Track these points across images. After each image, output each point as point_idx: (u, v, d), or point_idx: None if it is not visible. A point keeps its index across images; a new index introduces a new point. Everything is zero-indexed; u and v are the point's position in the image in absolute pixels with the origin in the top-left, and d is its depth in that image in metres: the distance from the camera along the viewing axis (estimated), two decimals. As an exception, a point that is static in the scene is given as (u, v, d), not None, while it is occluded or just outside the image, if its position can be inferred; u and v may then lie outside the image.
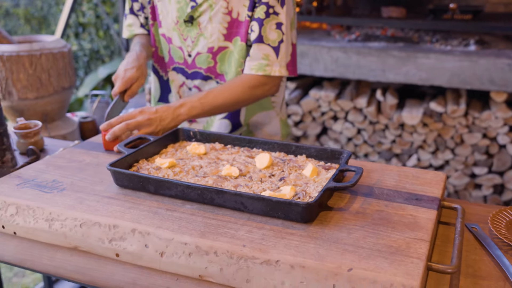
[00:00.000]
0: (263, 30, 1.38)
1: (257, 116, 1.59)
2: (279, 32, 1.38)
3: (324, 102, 3.32)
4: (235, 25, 1.43)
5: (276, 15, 1.38)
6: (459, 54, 2.97)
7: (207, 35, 1.45)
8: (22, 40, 2.06)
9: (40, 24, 5.63)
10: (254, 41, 1.39)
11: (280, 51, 1.39)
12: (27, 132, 1.47)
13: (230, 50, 1.46)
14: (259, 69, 1.39)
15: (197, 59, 1.49)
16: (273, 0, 1.37)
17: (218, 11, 1.42)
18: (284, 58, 1.40)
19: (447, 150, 3.15)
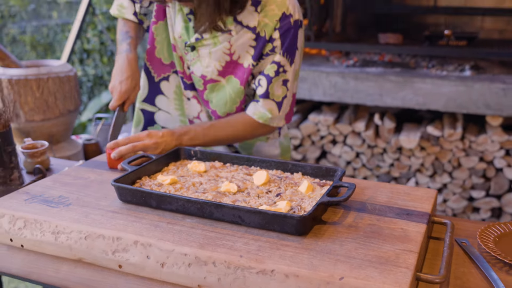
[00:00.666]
0: (270, 87, 1.44)
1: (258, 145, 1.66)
2: (284, 89, 1.45)
3: (323, 126, 3.38)
4: (232, 66, 1.47)
5: (284, 73, 1.43)
6: (454, 79, 3.04)
7: (203, 64, 1.49)
8: (30, 65, 2.14)
9: (46, 51, 5.75)
10: (260, 96, 1.46)
11: (283, 106, 1.48)
12: (34, 152, 1.52)
13: (222, 84, 1.50)
14: (261, 117, 1.48)
15: (192, 76, 1.54)
16: (284, 60, 1.42)
17: (219, 49, 1.45)
18: (284, 112, 1.50)
19: (445, 174, 3.20)
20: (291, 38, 1.39)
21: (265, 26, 1.40)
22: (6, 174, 1.36)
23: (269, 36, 1.40)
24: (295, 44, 1.41)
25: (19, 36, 5.71)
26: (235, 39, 1.43)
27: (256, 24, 1.40)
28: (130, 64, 1.52)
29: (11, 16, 5.76)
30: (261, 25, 1.40)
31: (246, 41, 1.43)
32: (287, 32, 1.39)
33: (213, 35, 1.45)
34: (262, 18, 1.39)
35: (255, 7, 1.40)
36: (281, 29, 1.39)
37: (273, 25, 1.39)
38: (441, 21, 3.90)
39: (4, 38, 5.76)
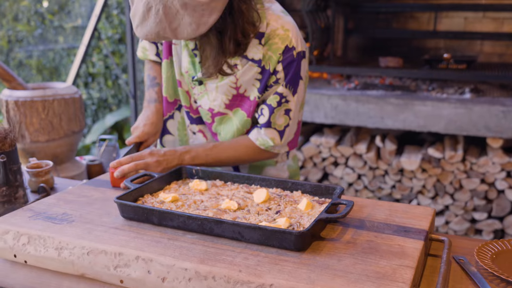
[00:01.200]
0: (272, 117, 1.46)
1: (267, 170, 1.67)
2: (286, 118, 1.47)
3: (324, 148, 3.40)
4: (239, 99, 1.49)
5: (287, 103, 1.45)
6: (454, 101, 3.08)
7: (210, 98, 1.51)
8: (36, 87, 2.18)
9: (52, 74, 5.83)
10: (262, 125, 1.48)
11: (285, 134, 1.49)
12: (38, 171, 1.55)
13: (229, 117, 1.53)
14: (263, 144, 1.50)
15: (200, 109, 1.56)
16: (287, 91, 1.44)
17: (225, 83, 1.47)
18: (286, 140, 1.52)
19: (447, 195, 3.20)
20: (294, 69, 1.42)
21: (269, 59, 1.41)
22: (11, 192, 1.39)
23: (273, 69, 1.42)
24: (298, 74, 1.44)
25: (26, 60, 5.80)
26: (241, 74, 1.44)
27: (261, 57, 1.41)
28: (157, 113, 1.61)
29: (18, 40, 5.86)
30: (265, 58, 1.41)
31: (252, 75, 1.44)
32: (290, 64, 1.41)
33: None
34: (266, 51, 1.40)
35: (259, 40, 1.41)
36: (284, 61, 1.41)
37: (277, 58, 1.40)
38: (441, 45, 3.95)
39: (11, 62, 5.85)
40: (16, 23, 5.77)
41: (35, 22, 5.76)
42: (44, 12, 5.80)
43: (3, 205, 1.38)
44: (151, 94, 1.65)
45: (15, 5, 5.83)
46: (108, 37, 5.47)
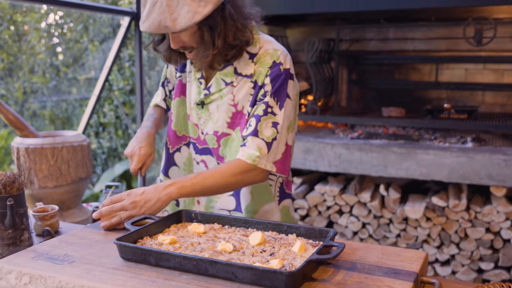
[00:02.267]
0: (259, 126, 1.49)
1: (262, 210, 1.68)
2: (274, 130, 1.49)
3: (329, 196, 3.43)
4: (238, 116, 1.58)
5: (273, 115, 1.49)
6: (456, 150, 3.12)
7: (214, 120, 1.61)
8: (46, 135, 2.27)
9: (64, 124, 5.98)
10: (249, 134, 1.50)
11: (272, 147, 1.49)
12: (44, 215, 1.60)
13: (232, 137, 1.60)
14: (249, 157, 1.48)
15: (206, 137, 1.64)
16: (272, 101, 1.50)
17: (225, 102, 1.58)
18: (273, 155, 1.50)
19: (452, 245, 3.19)
20: (280, 83, 1.50)
21: (260, 74, 1.53)
22: (16, 235, 1.43)
23: (262, 83, 1.52)
24: (285, 89, 1.51)
25: (39, 111, 5.97)
26: (237, 90, 1.56)
27: (252, 72, 1.54)
28: (149, 136, 1.69)
29: (33, 92, 6.06)
30: (256, 74, 1.53)
31: (247, 91, 1.55)
32: (276, 77, 1.50)
33: (218, 89, 1.58)
34: (258, 67, 1.53)
35: (252, 59, 1.54)
36: (271, 75, 1.51)
37: (265, 72, 1.52)
38: (443, 95, 4.03)
39: (25, 112, 6.02)
40: (32, 75, 5.98)
41: (50, 74, 5.97)
42: (59, 65, 6.02)
43: (8, 247, 1.42)
44: (146, 123, 1.77)
45: (31, 58, 6.07)
46: (119, 88, 5.64)
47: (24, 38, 6.16)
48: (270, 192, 1.68)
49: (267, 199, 1.67)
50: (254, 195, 1.65)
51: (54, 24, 6.17)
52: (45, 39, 6.16)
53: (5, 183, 1.41)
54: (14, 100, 6.00)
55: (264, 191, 1.66)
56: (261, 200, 1.66)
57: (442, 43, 3.94)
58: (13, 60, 6.08)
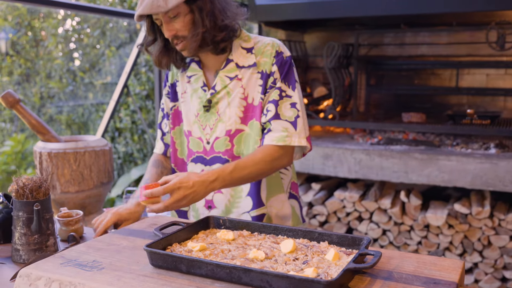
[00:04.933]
0: (279, 109, 1.56)
1: (272, 200, 1.68)
2: (294, 110, 1.56)
3: (348, 202, 3.39)
4: (250, 109, 1.60)
5: (289, 97, 1.57)
6: (480, 156, 3.06)
7: (225, 119, 1.61)
8: (69, 139, 2.26)
9: (80, 129, 6.00)
10: (271, 118, 1.55)
11: (298, 124, 1.55)
12: (69, 220, 1.59)
13: (246, 133, 1.61)
14: (279, 140, 1.53)
15: (215, 144, 1.63)
16: (284, 86, 1.58)
17: (235, 96, 1.60)
18: (302, 131, 1.56)
19: (475, 253, 3.12)
20: (287, 69, 1.59)
21: (265, 64, 1.59)
22: (42, 240, 1.42)
23: (270, 71, 1.58)
24: (292, 74, 1.61)
25: (56, 116, 6.00)
26: (245, 82, 1.60)
27: (255, 62, 1.60)
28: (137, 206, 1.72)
29: (50, 97, 6.10)
30: (261, 64, 1.59)
31: (255, 81, 1.59)
32: (283, 64, 1.59)
33: (224, 85, 1.61)
34: (260, 58, 1.60)
35: (250, 52, 1.62)
36: (277, 62, 1.58)
37: (271, 62, 1.59)
38: (463, 101, 3.98)
39: (42, 117, 6.06)
40: (49, 80, 6.02)
41: (67, 79, 6.01)
42: (76, 70, 6.05)
43: (34, 253, 1.41)
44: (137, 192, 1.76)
45: (48, 63, 6.11)
46: (136, 94, 5.65)
47: (42, 44, 6.20)
48: (281, 185, 1.70)
49: (278, 189, 1.69)
50: (269, 187, 1.67)
51: (71, 30, 6.21)
52: (62, 44, 6.20)
53: (31, 188, 1.40)
54: (31, 105, 6.04)
55: (276, 182, 1.68)
56: (273, 191, 1.68)
57: (463, 48, 3.89)
58: (30, 66, 6.12)
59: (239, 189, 1.65)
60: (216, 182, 1.46)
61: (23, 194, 1.40)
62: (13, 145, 5.98)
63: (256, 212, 1.64)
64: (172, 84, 1.77)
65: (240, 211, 1.66)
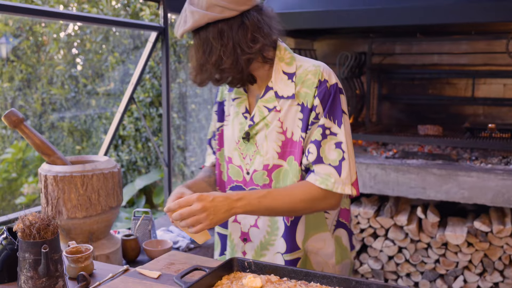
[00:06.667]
0: (321, 151, 1.37)
1: (312, 240, 1.53)
2: (339, 151, 1.36)
3: (363, 219, 3.27)
4: (289, 144, 1.45)
5: (334, 136, 1.37)
6: (501, 172, 2.94)
7: (262, 153, 1.47)
8: (75, 160, 2.14)
9: (82, 136, 5.89)
10: (313, 162, 1.38)
11: (343, 169, 1.36)
12: (78, 257, 1.47)
13: (285, 168, 1.46)
14: (322, 182, 1.36)
15: (254, 176, 1.50)
16: (329, 122, 1.37)
17: (272, 129, 1.45)
18: (348, 177, 1.37)
19: (496, 272, 3.01)
20: (332, 101, 1.39)
21: (306, 95, 1.41)
22: (50, 283, 1.30)
23: (311, 105, 1.40)
24: (338, 106, 1.39)
25: (58, 123, 5.89)
26: (283, 115, 1.44)
27: (294, 93, 1.42)
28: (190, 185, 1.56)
29: (51, 103, 5.98)
30: (302, 96, 1.41)
31: (294, 115, 1.43)
32: (326, 96, 1.39)
33: (262, 116, 1.46)
34: (301, 88, 1.42)
35: (291, 79, 1.43)
36: (320, 94, 1.39)
37: (312, 93, 1.40)
38: (479, 111, 3.86)
39: (44, 124, 5.94)
40: (50, 86, 5.90)
41: (69, 86, 5.89)
42: (78, 76, 5.93)
43: (42, 298, 1.29)
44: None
45: (50, 69, 5.99)
46: (140, 101, 5.54)
47: (43, 49, 6.09)
48: (324, 223, 1.53)
49: (319, 228, 1.52)
50: (308, 229, 1.50)
51: (74, 35, 6.09)
52: (64, 49, 6.09)
53: (39, 227, 1.28)
54: (32, 111, 5.92)
55: (318, 221, 1.52)
56: (311, 231, 1.52)
57: (479, 57, 3.77)
58: (31, 71, 6.00)
59: (275, 227, 1.50)
60: (240, 202, 1.32)
61: (29, 234, 1.28)
62: (14, 152, 5.86)
63: (289, 256, 1.48)
64: (220, 102, 1.63)
65: (275, 250, 1.51)
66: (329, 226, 1.54)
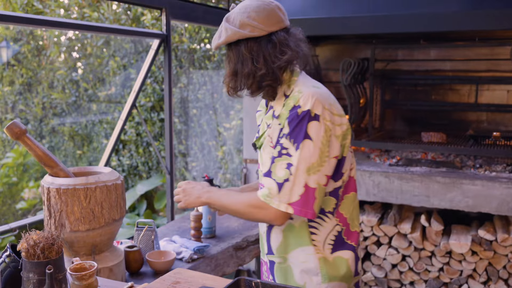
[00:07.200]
0: (273, 167, 1.47)
1: (295, 252, 1.56)
2: (287, 172, 1.43)
3: (366, 227, 3.25)
4: None
5: (288, 156, 1.44)
6: (506, 181, 2.92)
7: (262, 162, 1.61)
8: (77, 172, 2.12)
9: (83, 141, 5.86)
10: (264, 174, 1.50)
11: (284, 188, 1.43)
12: (82, 275, 1.44)
13: None
14: (262, 193, 1.48)
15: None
16: (288, 143, 1.45)
17: (266, 143, 1.56)
18: (286, 196, 1.43)
19: (500, 281, 2.99)
20: (297, 125, 1.44)
21: (283, 116, 1.51)
22: (55, 303, 1.28)
23: (283, 125, 1.50)
24: (302, 131, 1.43)
25: (58, 127, 5.86)
26: (271, 131, 1.55)
27: (279, 113, 1.53)
28: None
29: (52, 107, 5.96)
30: (282, 117, 1.51)
31: (276, 132, 1.53)
32: (293, 120, 1.45)
33: (263, 131, 1.60)
34: (284, 110, 1.51)
35: (284, 101, 1.53)
36: (290, 117, 1.47)
37: (286, 115, 1.49)
38: (483, 117, 3.84)
39: (44, 128, 5.93)
40: (51, 90, 5.89)
41: (70, 90, 5.87)
42: (79, 80, 5.91)
43: (46, 319, 1.27)
44: None
45: (50, 73, 5.98)
46: (141, 105, 5.52)
47: (44, 53, 6.07)
48: (306, 236, 1.54)
49: (301, 242, 1.55)
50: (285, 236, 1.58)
51: (74, 39, 6.07)
52: (65, 53, 6.07)
53: (43, 246, 1.27)
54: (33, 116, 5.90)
55: (297, 234, 1.55)
56: (293, 243, 1.56)
57: (482, 63, 3.75)
58: (32, 75, 5.98)
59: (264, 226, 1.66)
60: (207, 194, 1.61)
61: (34, 254, 1.26)
62: (15, 157, 5.84)
63: (267, 258, 1.64)
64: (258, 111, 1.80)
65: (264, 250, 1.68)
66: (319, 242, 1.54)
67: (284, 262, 1.58)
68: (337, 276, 1.54)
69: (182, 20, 3.19)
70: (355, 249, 1.57)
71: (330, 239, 1.54)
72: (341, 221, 1.54)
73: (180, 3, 3.15)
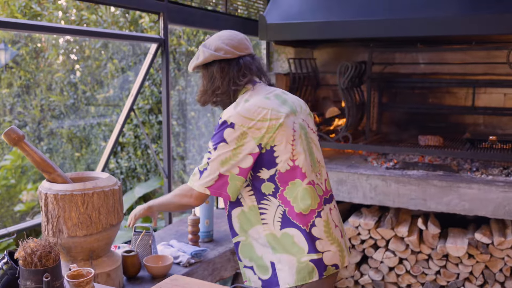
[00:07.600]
0: (202, 159, 1.86)
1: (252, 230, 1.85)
2: (206, 163, 1.81)
3: (363, 230, 3.26)
4: None
5: (209, 153, 1.82)
6: (503, 184, 2.94)
7: None
8: (75, 177, 2.13)
9: (81, 143, 5.87)
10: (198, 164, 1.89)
11: (203, 175, 1.80)
12: (80, 282, 1.45)
13: None
14: (190, 180, 1.85)
15: None
16: (210, 143, 1.83)
17: None
18: (204, 181, 1.79)
19: (497, 284, 3.00)
20: (216, 131, 1.83)
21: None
22: (52, 311, 1.29)
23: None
24: (219, 136, 1.79)
25: (56, 129, 5.87)
26: None
27: None
28: None
29: (50, 109, 5.96)
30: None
31: None
32: (216, 127, 1.85)
33: None
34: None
35: None
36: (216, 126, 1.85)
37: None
38: (480, 121, 3.86)
39: (42, 130, 5.93)
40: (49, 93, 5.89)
41: (68, 92, 5.88)
42: (78, 83, 5.92)
43: (43, 326, 1.28)
44: None
45: (49, 75, 5.98)
46: (139, 108, 5.53)
47: (42, 55, 6.07)
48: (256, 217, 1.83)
49: (253, 222, 1.84)
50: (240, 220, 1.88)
51: (72, 41, 6.08)
52: (63, 56, 6.07)
53: (41, 254, 1.28)
54: (31, 118, 5.91)
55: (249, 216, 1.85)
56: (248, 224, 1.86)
57: (479, 66, 3.76)
58: (30, 78, 5.99)
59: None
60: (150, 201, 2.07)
61: (31, 262, 1.27)
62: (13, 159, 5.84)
63: (234, 241, 1.94)
64: None
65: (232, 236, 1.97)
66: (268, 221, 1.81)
67: (246, 239, 1.88)
68: (284, 249, 1.78)
69: (180, 24, 3.19)
70: (301, 228, 1.76)
71: (277, 217, 1.80)
72: (283, 203, 1.77)
73: (177, 8, 3.15)
